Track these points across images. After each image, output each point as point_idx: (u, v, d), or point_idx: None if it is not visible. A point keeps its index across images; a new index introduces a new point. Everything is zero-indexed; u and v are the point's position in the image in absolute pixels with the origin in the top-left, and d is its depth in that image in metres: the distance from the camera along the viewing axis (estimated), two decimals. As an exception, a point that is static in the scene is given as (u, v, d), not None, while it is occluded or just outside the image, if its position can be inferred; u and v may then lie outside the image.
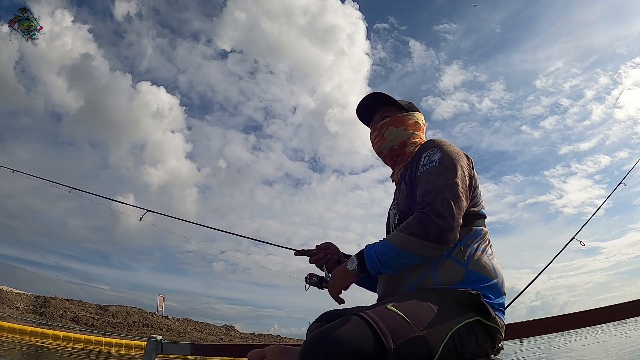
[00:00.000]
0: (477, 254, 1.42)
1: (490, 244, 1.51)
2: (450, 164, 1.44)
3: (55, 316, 28.57)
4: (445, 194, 1.34)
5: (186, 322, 37.13)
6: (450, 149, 1.51)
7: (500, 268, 1.45)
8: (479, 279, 1.36)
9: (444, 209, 1.31)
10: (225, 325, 40.17)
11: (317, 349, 1.08)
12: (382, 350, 1.08)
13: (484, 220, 1.55)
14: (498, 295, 1.39)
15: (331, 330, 1.10)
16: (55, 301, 30.83)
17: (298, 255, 1.85)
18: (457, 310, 1.26)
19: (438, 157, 1.47)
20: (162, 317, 35.81)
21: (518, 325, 2.24)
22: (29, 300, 30.04)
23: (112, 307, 33.67)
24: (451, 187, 1.37)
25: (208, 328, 37.82)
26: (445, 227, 1.30)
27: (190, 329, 35.46)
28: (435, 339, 1.17)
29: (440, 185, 1.38)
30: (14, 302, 28.35)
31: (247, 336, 38.92)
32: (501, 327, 1.36)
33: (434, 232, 1.30)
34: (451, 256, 1.39)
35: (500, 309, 1.39)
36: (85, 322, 29.17)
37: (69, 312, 29.99)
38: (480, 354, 1.30)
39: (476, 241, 1.45)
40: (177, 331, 33.54)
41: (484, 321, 1.29)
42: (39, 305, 29.69)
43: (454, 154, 1.49)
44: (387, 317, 1.15)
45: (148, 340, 2.90)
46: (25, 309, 28.26)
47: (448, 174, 1.41)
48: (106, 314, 32.24)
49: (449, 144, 1.56)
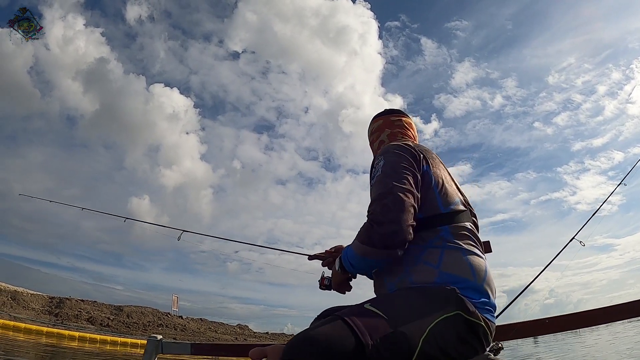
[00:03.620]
0: (449, 254, 1.42)
1: (471, 236, 1.50)
2: (391, 170, 1.49)
3: (70, 317, 28.96)
4: (384, 200, 1.39)
5: (200, 322, 37.42)
6: (391, 156, 1.56)
7: (481, 264, 1.43)
8: (453, 281, 1.35)
9: (383, 215, 1.36)
10: (239, 325, 40.44)
11: (297, 350, 1.09)
12: (360, 347, 1.09)
13: (462, 214, 1.54)
14: (480, 295, 1.36)
15: (311, 331, 1.12)
16: (70, 302, 31.28)
17: (311, 260, 2.01)
18: (435, 306, 1.26)
19: (381, 165, 1.54)
20: (177, 317, 36.16)
21: (518, 325, 2.22)
22: (44, 301, 30.49)
23: (126, 307, 34.05)
24: (389, 193, 1.41)
25: (222, 327, 38.07)
26: (386, 233, 1.35)
27: (204, 329, 35.75)
28: (414, 334, 1.17)
29: (380, 192, 1.43)
30: (29, 303, 28.78)
31: (261, 335, 39.13)
32: (488, 325, 1.33)
33: (377, 239, 1.36)
34: (423, 259, 1.43)
35: (487, 308, 1.36)
36: (100, 322, 29.56)
37: (84, 313, 30.40)
38: (468, 352, 1.29)
39: (447, 240, 1.44)
40: (192, 331, 33.83)
41: (464, 316, 1.27)
42: (54, 306, 30.11)
43: (396, 160, 1.54)
44: (364, 315, 1.19)
45: (148, 340, 2.91)
46: (40, 310, 28.70)
47: (387, 180, 1.45)
48: (121, 314, 32.63)
49: (395, 147, 1.62)
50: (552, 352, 13.52)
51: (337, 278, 1.68)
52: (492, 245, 2.45)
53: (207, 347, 3.13)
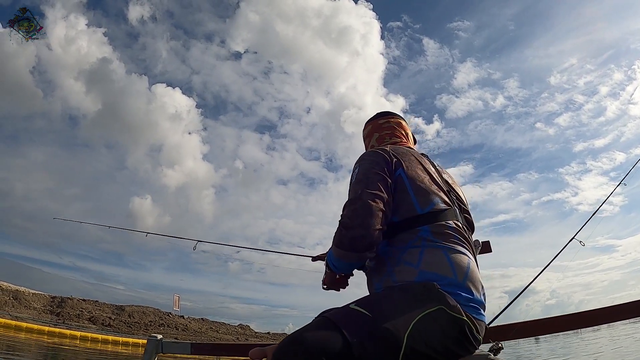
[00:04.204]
0: (429, 252, 1.44)
1: (454, 233, 1.50)
2: (363, 176, 1.55)
3: (72, 316, 29.02)
4: (353, 206, 1.45)
5: (202, 322, 37.40)
6: (365, 163, 1.62)
7: (462, 261, 1.43)
8: (432, 279, 1.36)
9: (351, 219, 1.42)
10: (240, 325, 40.38)
11: (284, 352, 1.10)
12: (347, 345, 1.10)
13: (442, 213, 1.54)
14: (461, 292, 1.37)
15: (299, 332, 1.14)
16: (72, 301, 31.31)
17: (315, 261, 2.11)
18: (418, 302, 1.27)
19: (356, 172, 1.60)
20: (178, 316, 36.15)
21: (519, 325, 2.23)
22: (45, 300, 30.53)
23: (128, 307, 34.08)
24: (359, 198, 1.46)
25: (224, 327, 38.05)
26: (354, 237, 1.41)
27: (206, 329, 35.75)
28: (399, 329, 1.18)
29: (351, 199, 1.49)
30: (31, 303, 28.82)
31: (263, 335, 39.13)
32: (472, 321, 1.33)
33: (347, 242, 1.43)
34: (403, 260, 1.46)
35: (471, 305, 1.36)
36: (102, 322, 29.60)
37: (85, 312, 30.44)
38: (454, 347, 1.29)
39: (426, 240, 1.46)
40: (193, 331, 33.84)
41: (447, 311, 1.28)
42: (55, 306, 30.15)
43: (367, 166, 1.59)
44: (350, 314, 1.22)
45: (148, 340, 2.92)
46: (42, 309, 28.74)
47: (357, 187, 1.52)
48: (122, 313, 32.65)
49: (369, 153, 1.69)
50: (553, 351, 13.51)
51: (327, 277, 1.73)
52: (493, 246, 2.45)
53: (206, 347, 3.14)
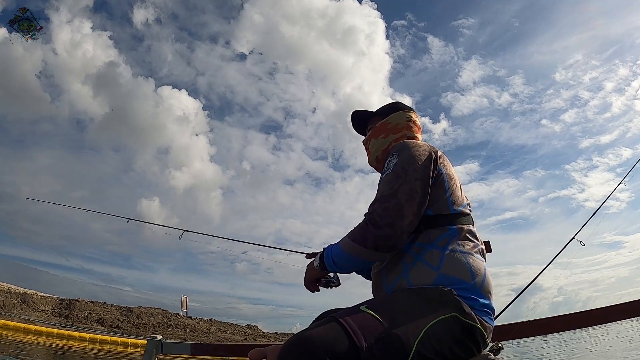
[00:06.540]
0: (451, 256, 1.38)
1: (473, 239, 1.46)
2: (401, 171, 1.43)
3: (80, 318, 29.22)
4: (386, 203, 1.37)
5: (210, 323, 37.54)
6: (407, 154, 1.48)
7: (481, 266, 1.39)
8: (452, 282, 1.32)
9: (381, 217, 1.34)
10: (248, 325, 40.52)
11: (293, 352, 1.09)
12: (355, 349, 1.08)
13: (466, 217, 1.50)
14: (478, 297, 1.33)
15: (305, 333, 1.12)
16: (80, 303, 31.57)
17: (309, 258, 1.99)
18: (431, 308, 1.24)
19: (393, 164, 1.47)
20: (186, 317, 36.31)
21: (518, 325, 2.22)
22: (54, 303, 30.80)
23: (136, 308, 34.30)
24: (394, 195, 1.37)
25: (231, 328, 38.18)
26: (381, 236, 1.33)
27: (214, 329, 35.86)
28: (409, 336, 1.16)
29: (384, 194, 1.39)
30: (39, 306, 29.07)
31: (270, 335, 39.16)
32: (484, 327, 1.31)
33: (371, 240, 1.34)
34: (423, 259, 1.39)
35: (485, 310, 1.34)
36: (110, 323, 29.79)
37: (94, 314, 30.66)
38: (463, 353, 1.26)
39: (451, 242, 1.41)
40: (202, 331, 33.95)
41: (460, 318, 1.25)
42: (64, 308, 30.41)
43: (409, 159, 1.46)
44: (360, 317, 1.17)
45: (148, 340, 2.92)
46: (50, 312, 28.99)
47: (395, 182, 1.41)
48: (131, 315, 32.83)
49: (411, 145, 1.53)
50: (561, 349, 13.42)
51: (309, 274, 1.63)
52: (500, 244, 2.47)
53: (206, 347, 3.16)
